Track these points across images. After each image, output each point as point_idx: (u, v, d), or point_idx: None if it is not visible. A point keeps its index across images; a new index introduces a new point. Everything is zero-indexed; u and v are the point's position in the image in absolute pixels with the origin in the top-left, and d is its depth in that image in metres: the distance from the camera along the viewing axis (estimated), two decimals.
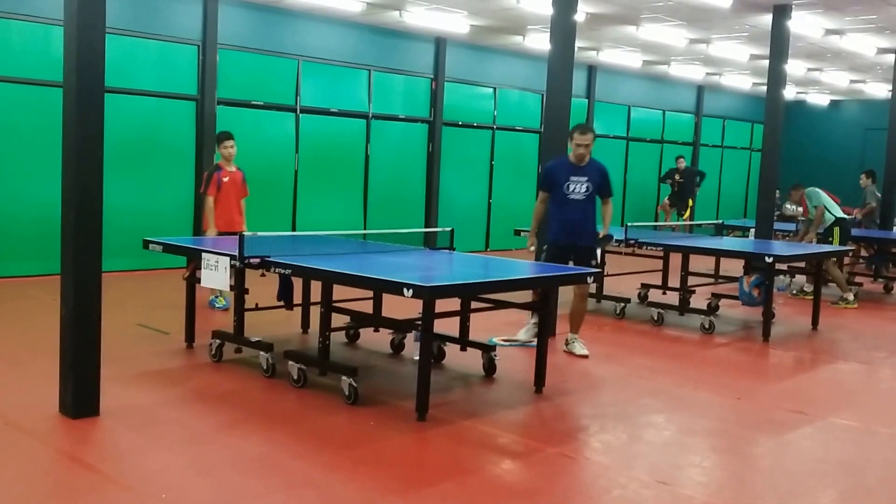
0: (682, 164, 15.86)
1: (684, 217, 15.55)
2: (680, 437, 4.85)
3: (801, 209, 11.09)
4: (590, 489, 4.04)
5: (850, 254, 9.84)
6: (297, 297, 6.76)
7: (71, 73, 4.45)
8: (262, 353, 5.66)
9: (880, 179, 13.38)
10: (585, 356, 6.51)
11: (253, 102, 11.28)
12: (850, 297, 9.73)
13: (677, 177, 15.78)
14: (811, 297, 9.42)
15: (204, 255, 5.70)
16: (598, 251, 6.68)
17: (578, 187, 6.45)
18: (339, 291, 5.70)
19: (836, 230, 9.87)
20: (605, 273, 8.20)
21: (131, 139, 10.09)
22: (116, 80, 9.52)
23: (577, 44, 7.93)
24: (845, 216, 10.18)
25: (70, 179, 4.51)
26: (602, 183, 6.59)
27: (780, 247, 9.00)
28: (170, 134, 10.56)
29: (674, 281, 8.51)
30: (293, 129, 11.75)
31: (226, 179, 8.00)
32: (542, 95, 14.25)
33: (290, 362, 5.44)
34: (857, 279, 10.92)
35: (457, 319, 5.97)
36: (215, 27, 10.61)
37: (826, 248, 9.41)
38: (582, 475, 4.19)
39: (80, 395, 4.57)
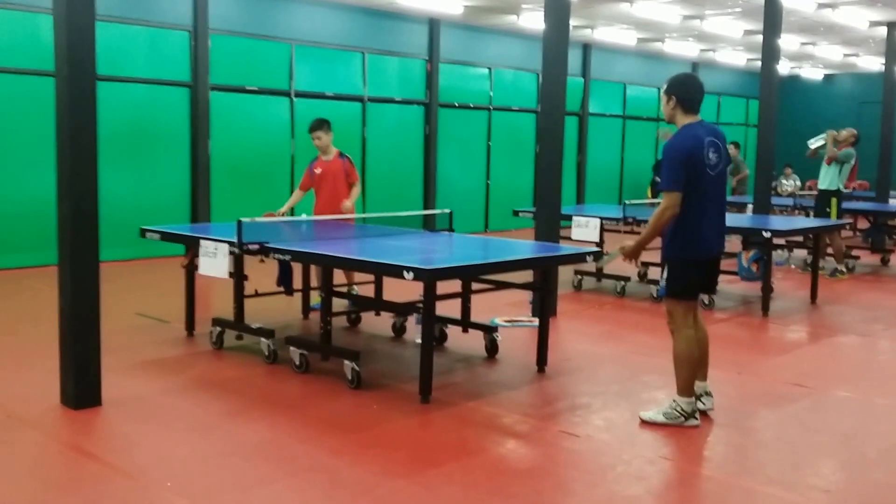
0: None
1: None
2: None
3: (796, 184, 11.16)
4: (593, 466, 4.06)
5: (847, 226, 9.83)
6: (297, 283, 6.75)
7: (62, 62, 4.41)
8: (263, 339, 5.66)
9: (875, 151, 13.40)
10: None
11: (247, 88, 11.21)
12: (844, 268, 9.83)
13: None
14: (844, 277, 9.48)
15: (202, 242, 5.68)
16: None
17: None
18: (340, 276, 5.69)
19: (834, 201, 9.88)
20: (605, 252, 8.20)
21: (124, 127, 10.03)
22: (108, 67, 9.46)
23: (572, 22, 7.88)
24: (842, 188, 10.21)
25: (64, 168, 4.48)
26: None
27: (777, 221, 9.00)
28: (163, 121, 10.50)
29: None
30: (288, 113, 11.69)
31: (318, 171, 7.18)
32: (538, 75, 14.18)
33: (292, 348, 5.44)
34: (855, 252, 10.93)
35: (458, 301, 5.97)
36: (206, 12, 10.52)
37: (823, 221, 9.42)
38: (585, 453, 4.21)
39: (82, 385, 4.57)
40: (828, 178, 9.90)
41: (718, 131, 4.62)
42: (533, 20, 12.68)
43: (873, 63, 17.93)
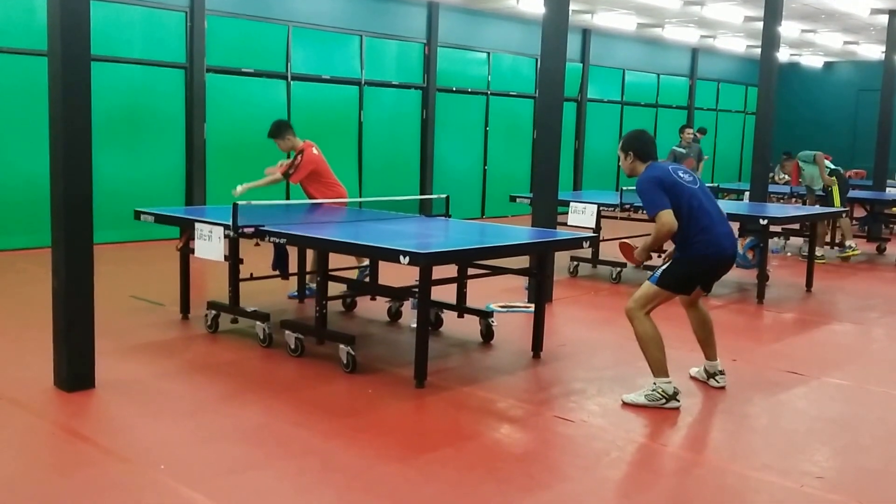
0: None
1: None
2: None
3: (789, 177, 11.21)
4: (587, 451, 4.07)
5: (845, 214, 9.85)
6: (293, 267, 6.73)
7: (55, 41, 4.36)
8: (258, 322, 5.64)
9: (873, 140, 13.39)
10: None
11: (243, 70, 11.13)
12: (853, 244, 10.08)
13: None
14: (822, 261, 9.57)
15: (197, 225, 5.66)
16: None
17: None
18: (335, 260, 5.67)
19: (835, 190, 9.98)
20: (601, 238, 8.20)
21: (119, 108, 9.97)
22: (102, 48, 9.37)
23: (571, 6, 7.81)
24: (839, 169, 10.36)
25: (58, 150, 4.44)
26: None
27: (774, 209, 8.99)
28: (158, 103, 10.43)
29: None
30: (284, 96, 11.62)
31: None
32: (537, 60, 14.10)
33: (287, 332, 5.43)
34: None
35: (454, 286, 5.95)
36: None
37: (819, 209, 9.42)
38: (580, 438, 4.21)
39: (75, 368, 4.56)
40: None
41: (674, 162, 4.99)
42: (532, 4, 12.60)
43: (873, 51, 17.87)
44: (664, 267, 4.69)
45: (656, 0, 12.56)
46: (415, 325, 5.19)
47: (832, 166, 10.24)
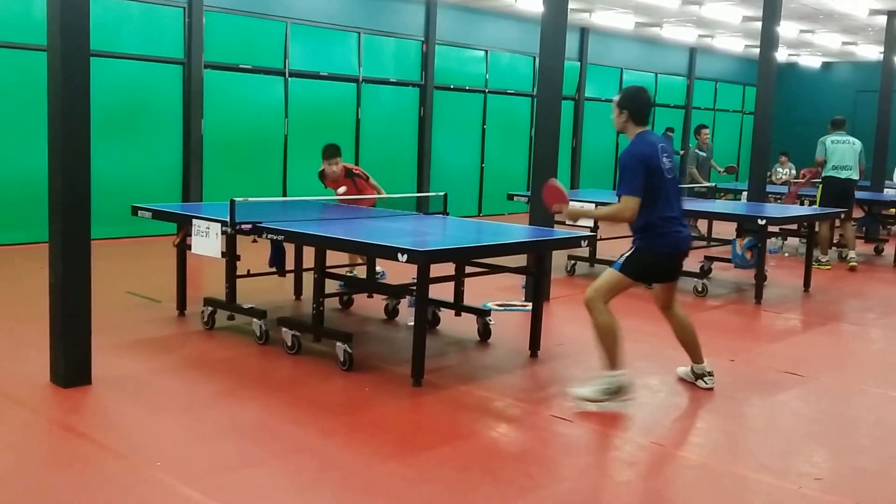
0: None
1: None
2: (674, 398, 4.87)
3: (791, 172, 11.16)
4: (585, 451, 4.06)
5: (842, 215, 9.84)
6: (290, 264, 6.70)
7: (55, 36, 4.34)
8: (255, 319, 5.62)
9: (871, 141, 13.38)
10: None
11: (241, 66, 11.10)
12: (854, 254, 9.81)
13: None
14: (827, 267, 9.43)
15: (195, 221, 5.64)
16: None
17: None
18: (333, 257, 5.66)
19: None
20: (598, 237, 8.18)
21: (117, 104, 9.93)
22: (101, 43, 9.31)
23: (570, 5, 7.80)
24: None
25: (56, 145, 4.42)
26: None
27: (772, 209, 8.99)
28: (156, 99, 10.40)
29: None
30: (282, 93, 11.59)
31: (341, 191, 7.26)
32: (535, 58, 14.09)
33: (284, 329, 5.41)
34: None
35: (451, 285, 5.94)
36: None
37: (817, 209, 9.41)
38: (577, 437, 4.21)
39: (72, 364, 4.54)
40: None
41: (666, 139, 4.79)
42: (530, 3, 12.58)
43: (872, 52, 17.89)
44: (627, 254, 4.65)
45: None
46: (412, 323, 5.18)
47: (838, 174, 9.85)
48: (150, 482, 3.49)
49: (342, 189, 7.28)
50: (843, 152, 9.73)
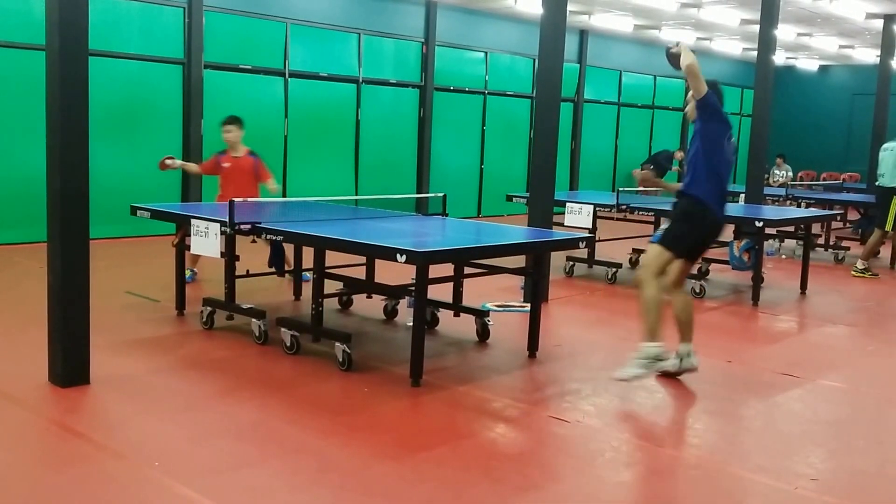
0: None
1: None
2: (671, 399, 4.89)
3: (788, 174, 11.15)
4: (583, 451, 4.07)
5: (838, 217, 9.84)
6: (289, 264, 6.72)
7: (53, 34, 4.34)
8: (254, 320, 5.63)
9: (867, 143, 13.43)
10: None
11: (241, 66, 11.11)
12: (866, 265, 9.52)
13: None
14: (868, 275, 9.27)
15: (194, 221, 5.64)
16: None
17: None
18: (332, 258, 5.67)
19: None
20: (597, 238, 8.20)
21: (116, 104, 9.94)
22: (100, 43, 9.33)
23: (569, 7, 7.82)
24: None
25: (55, 145, 4.42)
26: None
27: (769, 211, 9.02)
28: (156, 98, 10.40)
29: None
30: (282, 93, 11.60)
31: (226, 165, 7.34)
32: (534, 60, 14.11)
33: (283, 329, 5.42)
34: (845, 243, 10.97)
35: (450, 285, 5.95)
36: None
37: (814, 211, 9.43)
38: (574, 438, 4.22)
39: (70, 363, 4.54)
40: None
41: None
42: (530, 5, 12.61)
43: (868, 55, 17.93)
44: (665, 227, 5.11)
45: (653, 2, 12.57)
46: (411, 324, 5.19)
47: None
48: (148, 482, 3.49)
49: (227, 165, 7.34)
50: (882, 160, 9.62)
